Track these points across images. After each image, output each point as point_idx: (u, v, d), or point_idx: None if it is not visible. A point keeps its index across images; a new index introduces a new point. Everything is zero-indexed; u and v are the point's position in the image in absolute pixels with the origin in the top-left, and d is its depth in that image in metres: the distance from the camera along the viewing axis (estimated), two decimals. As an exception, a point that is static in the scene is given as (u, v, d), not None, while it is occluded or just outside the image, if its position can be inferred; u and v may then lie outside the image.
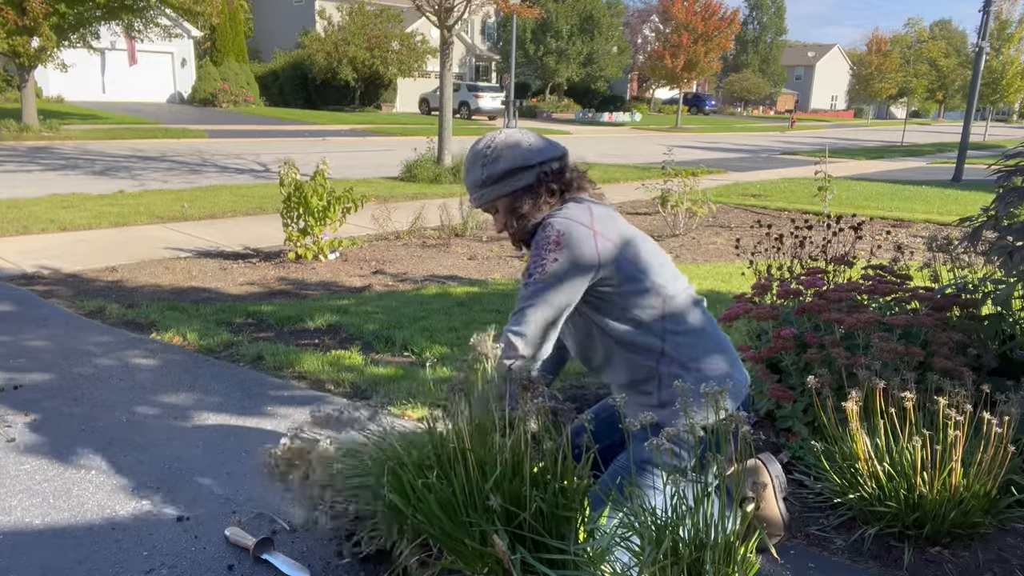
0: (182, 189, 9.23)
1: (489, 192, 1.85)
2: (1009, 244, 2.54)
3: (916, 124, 48.68)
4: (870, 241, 6.47)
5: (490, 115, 32.06)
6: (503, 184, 1.82)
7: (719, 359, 1.80)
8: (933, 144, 27.38)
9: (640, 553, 1.48)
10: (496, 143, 1.84)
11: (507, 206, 1.85)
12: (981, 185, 12.04)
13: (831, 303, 2.73)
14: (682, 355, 1.77)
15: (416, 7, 10.77)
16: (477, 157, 1.86)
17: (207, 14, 16.15)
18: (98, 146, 14.64)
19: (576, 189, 1.86)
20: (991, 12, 13.79)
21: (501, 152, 1.82)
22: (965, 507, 2.02)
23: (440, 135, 11.32)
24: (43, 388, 3.03)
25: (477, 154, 1.86)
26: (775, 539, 1.96)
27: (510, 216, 1.85)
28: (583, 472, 1.63)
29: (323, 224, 5.55)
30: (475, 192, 1.88)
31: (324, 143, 17.50)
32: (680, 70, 33.64)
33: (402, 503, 1.65)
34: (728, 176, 13.40)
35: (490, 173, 1.83)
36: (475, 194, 1.89)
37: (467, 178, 1.90)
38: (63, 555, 1.95)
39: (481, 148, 1.86)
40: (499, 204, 1.86)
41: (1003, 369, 2.59)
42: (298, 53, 32.46)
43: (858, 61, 52.14)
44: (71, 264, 5.30)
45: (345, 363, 3.43)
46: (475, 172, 1.86)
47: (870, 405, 2.13)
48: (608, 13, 41.33)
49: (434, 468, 1.62)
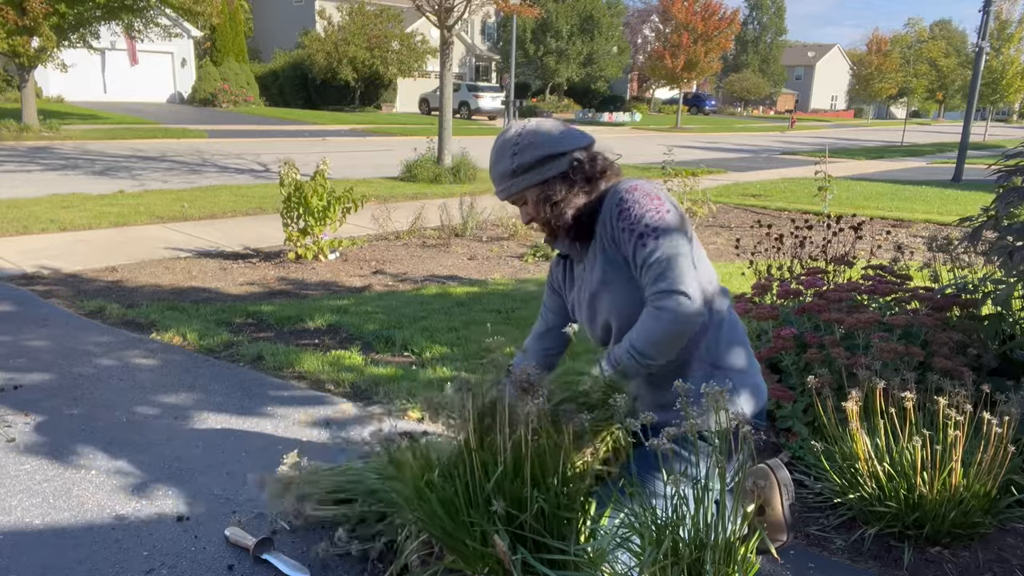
0: (182, 189, 9.23)
1: (519, 182, 1.78)
2: (1009, 244, 2.54)
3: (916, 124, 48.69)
4: (870, 241, 6.47)
5: (490, 115, 32.07)
6: (534, 172, 1.76)
7: (749, 363, 1.79)
8: (933, 144, 27.38)
9: (640, 553, 1.48)
10: (526, 131, 1.78)
11: (539, 195, 1.78)
12: (981, 185, 12.04)
13: (831, 303, 2.73)
14: (714, 352, 1.75)
15: (416, 7, 10.77)
16: (506, 146, 1.79)
17: (207, 14, 16.14)
18: (98, 146, 14.64)
19: (613, 175, 1.80)
20: (991, 12, 13.79)
21: (531, 140, 1.76)
22: (965, 507, 2.02)
23: (440, 135, 11.32)
24: (43, 388, 3.03)
25: (506, 143, 1.79)
26: (778, 543, 1.96)
27: (542, 205, 1.78)
28: (584, 472, 1.63)
29: (323, 224, 5.55)
30: (504, 183, 1.81)
31: (324, 143, 17.49)
32: (680, 70, 33.63)
33: (404, 502, 1.65)
34: (728, 176, 13.40)
35: (521, 162, 1.76)
36: (504, 184, 1.82)
37: (495, 169, 1.82)
38: (63, 555, 1.95)
39: (511, 136, 1.79)
40: (529, 194, 1.80)
41: (1003, 369, 2.59)
42: (298, 53, 32.47)
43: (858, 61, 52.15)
44: (71, 264, 5.30)
45: (345, 363, 3.42)
46: (504, 162, 1.79)
47: (870, 405, 2.13)
48: (608, 13, 41.35)
49: (435, 467, 1.62)
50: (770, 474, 1.93)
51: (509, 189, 1.81)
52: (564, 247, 1.88)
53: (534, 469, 1.56)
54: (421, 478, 1.61)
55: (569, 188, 1.76)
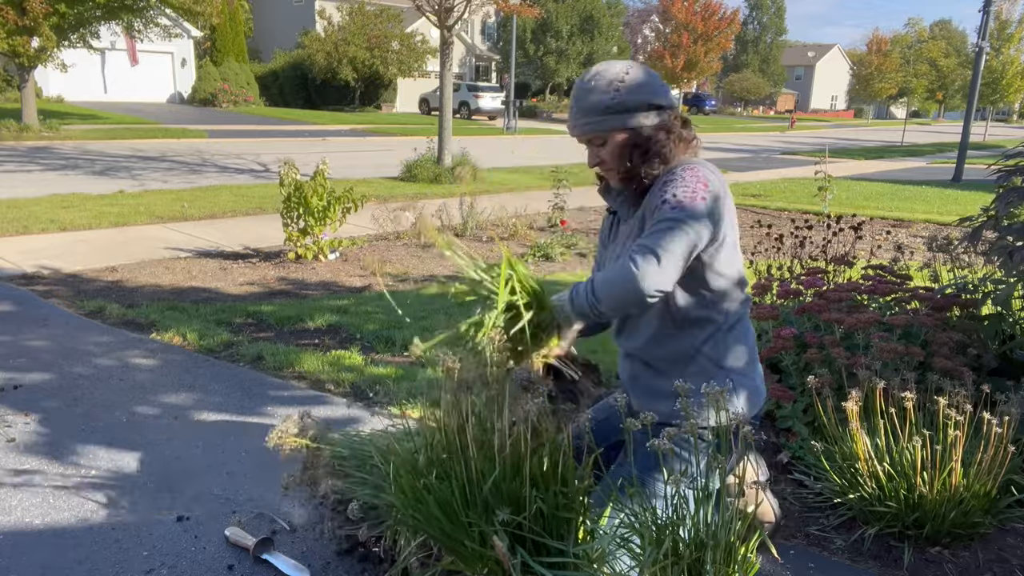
0: (182, 189, 9.23)
1: (610, 120, 1.66)
2: (1009, 244, 2.54)
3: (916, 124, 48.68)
4: (870, 241, 6.47)
5: (490, 115, 32.05)
6: (629, 116, 1.65)
7: (752, 367, 1.78)
8: (933, 144, 27.37)
9: (640, 554, 1.48)
10: (633, 72, 1.67)
11: (626, 140, 1.67)
12: (981, 185, 12.04)
13: (831, 303, 2.73)
14: (720, 354, 1.74)
15: (416, 7, 10.77)
16: (610, 81, 1.65)
17: (207, 14, 16.13)
18: (98, 146, 14.63)
19: (692, 150, 1.72)
20: (991, 12, 13.80)
21: (639, 81, 1.66)
22: (965, 507, 2.02)
23: (440, 135, 11.32)
24: (43, 388, 3.03)
25: (611, 78, 1.66)
26: (768, 529, 1.95)
27: (628, 151, 1.67)
28: (584, 473, 1.62)
29: (323, 224, 5.55)
30: (592, 116, 1.67)
31: (324, 143, 17.49)
32: (680, 70, 33.66)
33: (401, 503, 1.65)
34: (728, 176, 13.40)
35: (622, 100, 1.64)
36: (591, 119, 1.67)
37: (584, 100, 1.68)
38: (63, 555, 1.95)
39: (617, 72, 1.67)
40: (613, 137, 1.67)
41: (1003, 369, 2.59)
42: (298, 53, 32.46)
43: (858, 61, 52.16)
44: (71, 264, 5.30)
45: (345, 363, 3.43)
46: (600, 95, 1.65)
47: (870, 405, 2.13)
48: (608, 13, 41.32)
49: (433, 468, 1.61)
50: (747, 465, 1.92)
51: (596, 126, 1.68)
52: (616, 202, 1.81)
53: (533, 469, 1.56)
54: (418, 479, 1.61)
55: (667, 144, 1.67)
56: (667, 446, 1.42)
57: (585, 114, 1.69)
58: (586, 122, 1.69)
